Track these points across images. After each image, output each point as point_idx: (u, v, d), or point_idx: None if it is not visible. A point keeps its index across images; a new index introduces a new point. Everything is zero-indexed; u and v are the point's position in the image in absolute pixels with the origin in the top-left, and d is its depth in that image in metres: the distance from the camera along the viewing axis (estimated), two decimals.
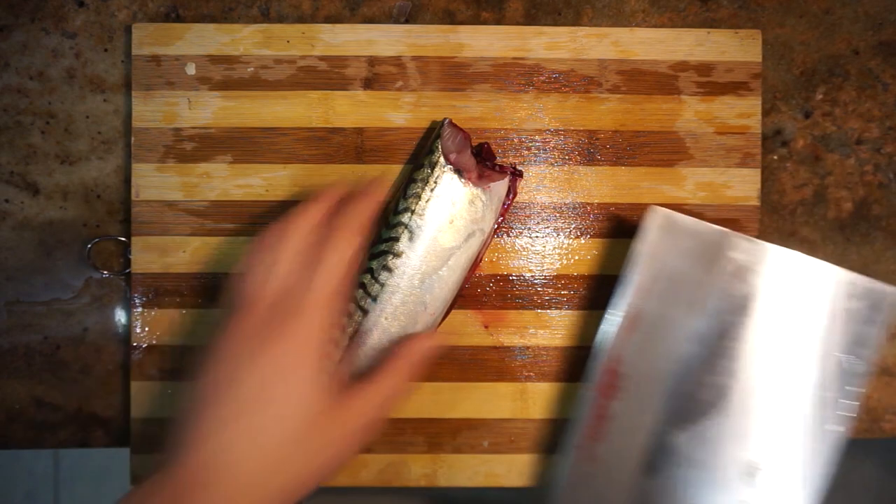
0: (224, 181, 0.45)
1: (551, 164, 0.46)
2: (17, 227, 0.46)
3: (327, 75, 0.45)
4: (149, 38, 0.45)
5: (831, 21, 0.47)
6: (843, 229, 0.48)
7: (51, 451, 1.12)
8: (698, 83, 0.46)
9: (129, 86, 0.46)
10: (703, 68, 0.46)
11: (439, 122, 0.42)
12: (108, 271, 0.46)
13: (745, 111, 0.46)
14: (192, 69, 0.45)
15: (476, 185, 0.41)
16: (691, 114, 0.46)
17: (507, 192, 0.43)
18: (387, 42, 0.45)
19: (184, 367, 0.45)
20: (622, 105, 0.46)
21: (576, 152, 0.46)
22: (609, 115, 0.46)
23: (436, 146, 0.41)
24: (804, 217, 0.48)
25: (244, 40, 0.45)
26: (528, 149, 0.46)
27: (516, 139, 0.46)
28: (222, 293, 0.38)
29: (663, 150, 0.46)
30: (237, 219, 0.45)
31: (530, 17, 0.47)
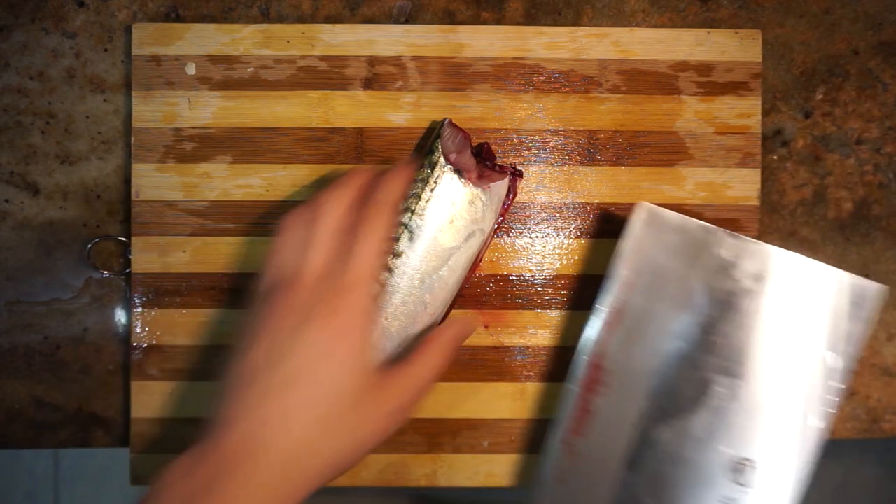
0: (224, 181, 0.45)
1: (551, 164, 0.46)
2: (17, 227, 0.46)
3: (327, 75, 0.45)
4: (149, 38, 0.45)
5: (831, 21, 0.47)
6: (843, 229, 0.48)
7: (51, 451, 1.12)
8: (698, 83, 0.46)
9: (129, 86, 0.46)
10: (703, 68, 0.46)
11: (439, 122, 0.42)
12: (108, 271, 0.46)
13: (745, 111, 0.46)
14: (192, 69, 0.45)
15: (476, 185, 0.41)
16: (691, 114, 0.46)
17: (507, 192, 0.43)
18: (387, 42, 0.45)
19: (183, 367, 0.45)
20: (622, 105, 0.46)
21: (576, 152, 0.46)
22: (609, 115, 0.46)
23: (436, 146, 0.41)
24: (804, 217, 0.48)
25: (244, 40, 0.45)
26: (528, 149, 0.46)
27: (516, 139, 0.46)
28: (253, 280, 0.38)
29: (663, 150, 0.46)
30: (237, 219, 0.45)
31: (530, 17, 0.47)
